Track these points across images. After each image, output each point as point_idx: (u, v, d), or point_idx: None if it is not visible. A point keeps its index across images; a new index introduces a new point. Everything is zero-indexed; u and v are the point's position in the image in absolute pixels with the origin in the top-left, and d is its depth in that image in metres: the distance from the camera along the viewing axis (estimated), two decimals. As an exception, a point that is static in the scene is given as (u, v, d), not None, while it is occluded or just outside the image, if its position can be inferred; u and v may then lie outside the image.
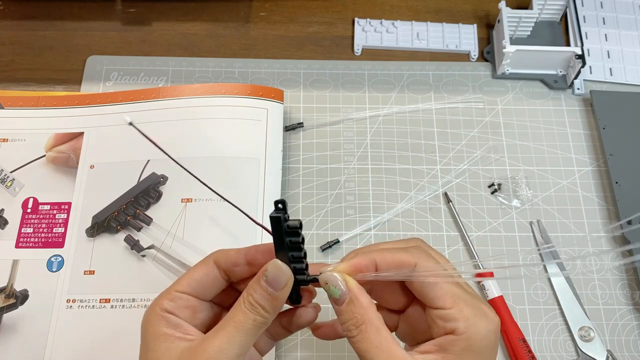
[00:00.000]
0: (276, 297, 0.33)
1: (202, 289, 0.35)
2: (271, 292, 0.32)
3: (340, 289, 0.33)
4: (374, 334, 0.32)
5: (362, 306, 0.33)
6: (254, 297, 0.33)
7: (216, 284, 0.35)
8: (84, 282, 0.49)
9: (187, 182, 0.53)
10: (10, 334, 0.48)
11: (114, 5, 0.65)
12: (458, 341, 0.31)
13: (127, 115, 0.54)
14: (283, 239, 0.32)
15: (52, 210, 0.52)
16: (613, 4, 0.65)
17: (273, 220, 0.32)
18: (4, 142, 0.55)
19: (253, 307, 0.32)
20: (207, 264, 0.35)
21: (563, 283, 0.51)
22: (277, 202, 0.32)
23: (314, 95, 0.60)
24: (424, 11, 0.66)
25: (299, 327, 0.37)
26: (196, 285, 0.35)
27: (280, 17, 0.65)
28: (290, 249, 0.33)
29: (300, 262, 0.33)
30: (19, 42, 0.63)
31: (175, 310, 0.34)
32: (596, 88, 0.60)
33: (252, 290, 0.33)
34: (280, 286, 0.33)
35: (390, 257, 0.33)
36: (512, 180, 0.56)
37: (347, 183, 0.56)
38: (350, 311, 0.33)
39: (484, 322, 0.32)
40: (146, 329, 0.34)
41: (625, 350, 0.49)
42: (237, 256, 0.35)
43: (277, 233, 0.32)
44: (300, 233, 0.32)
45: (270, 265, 0.33)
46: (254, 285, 0.33)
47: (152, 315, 0.34)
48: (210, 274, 0.35)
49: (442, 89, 0.61)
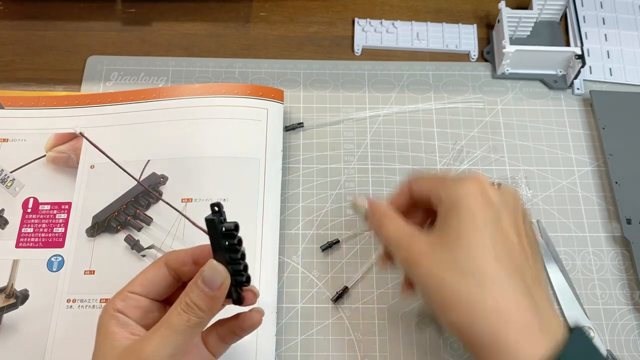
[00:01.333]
0: (212, 297, 0.34)
1: (154, 289, 0.37)
2: (207, 291, 0.34)
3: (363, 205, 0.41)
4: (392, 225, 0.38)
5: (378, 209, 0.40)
6: (190, 297, 0.34)
7: (167, 284, 0.37)
8: (84, 282, 0.49)
9: (187, 182, 0.53)
10: (10, 334, 0.48)
11: (114, 5, 0.65)
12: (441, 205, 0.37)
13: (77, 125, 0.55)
14: (219, 241, 0.33)
15: (52, 210, 0.52)
16: (613, 4, 0.65)
17: (208, 223, 0.33)
18: (4, 142, 0.55)
19: (188, 307, 0.34)
20: (157, 265, 0.37)
21: (563, 283, 0.51)
22: (212, 205, 0.33)
23: (314, 95, 0.60)
24: (424, 11, 0.66)
25: (247, 331, 0.39)
26: (147, 285, 0.36)
27: (280, 17, 0.65)
28: (228, 251, 0.34)
29: (237, 263, 0.34)
30: (19, 42, 0.63)
31: (126, 309, 0.35)
32: (596, 88, 0.60)
33: (189, 291, 0.34)
34: (216, 286, 0.34)
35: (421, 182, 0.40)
36: (512, 180, 0.56)
37: (347, 183, 0.56)
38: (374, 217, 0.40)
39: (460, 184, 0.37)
40: (99, 328, 0.35)
41: (625, 350, 0.49)
42: (185, 256, 0.37)
43: (213, 235, 0.33)
44: (237, 235, 0.33)
45: (206, 266, 0.34)
46: (191, 286, 0.34)
47: (104, 314, 0.35)
48: (160, 274, 0.37)
49: (442, 89, 0.61)
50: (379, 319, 0.50)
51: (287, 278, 0.51)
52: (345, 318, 0.50)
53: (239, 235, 0.34)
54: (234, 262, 0.34)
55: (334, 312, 0.50)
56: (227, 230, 0.33)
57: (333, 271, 0.52)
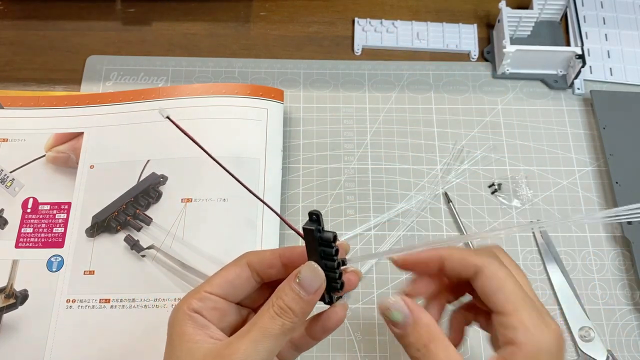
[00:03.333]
0: (307, 301, 0.32)
1: (234, 291, 0.34)
2: (303, 295, 0.32)
3: (403, 312, 0.32)
4: (442, 352, 0.31)
5: (426, 324, 0.32)
6: (284, 300, 0.32)
7: (248, 286, 0.35)
8: (84, 282, 0.49)
9: (187, 182, 0.52)
10: (10, 334, 0.48)
11: (114, 5, 0.65)
12: (518, 352, 0.30)
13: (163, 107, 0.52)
14: (316, 250, 0.32)
15: (52, 210, 0.52)
16: (613, 4, 0.65)
17: (306, 232, 0.32)
18: (4, 142, 0.55)
19: (282, 311, 0.31)
20: (240, 265, 0.34)
21: (563, 283, 0.51)
22: (311, 213, 0.31)
23: (314, 95, 0.60)
24: (424, 11, 0.66)
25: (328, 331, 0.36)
26: (227, 287, 0.34)
27: (280, 17, 0.65)
28: (323, 259, 0.32)
29: (333, 271, 0.33)
30: (19, 42, 0.63)
31: (203, 310, 0.33)
32: (596, 88, 0.60)
33: (282, 293, 0.32)
34: (313, 289, 0.32)
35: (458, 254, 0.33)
36: (512, 180, 0.56)
37: (347, 183, 0.56)
38: (417, 332, 0.32)
39: (545, 334, 0.31)
40: (172, 327, 0.33)
41: (626, 350, 0.49)
42: (272, 257, 0.34)
43: (310, 244, 0.32)
44: (334, 245, 0.32)
45: (304, 268, 0.32)
46: (284, 288, 0.32)
47: (179, 313, 0.33)
48: (243, 276, 0.34)
49: (442, 89, 0.61)
50: (379, 319, 0.50)
51: (287, 278, 0.51)
52: (345, 318, 0.50)
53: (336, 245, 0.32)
54: (329, 270, 0.33)
55: (334, 312, 0.50)
56: (324, 240, 0.32)
57: (333, 271, 0.52)
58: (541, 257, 0.53)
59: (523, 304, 0.31)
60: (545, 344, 0.30)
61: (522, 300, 0.31)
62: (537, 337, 0.30)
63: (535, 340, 0.30)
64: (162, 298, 0.48)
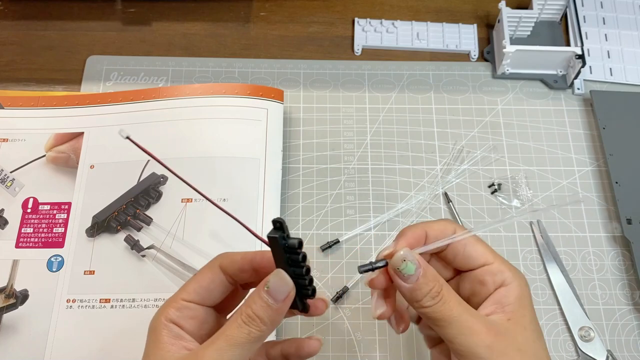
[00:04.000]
0: (276, 310, 0.32)
1: (209, 295, 0.34)
2: (271, 303, 0.32)
3: (415, 262, 0.33)
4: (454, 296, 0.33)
5: (435, 275, 0.33)
6: (252, 309, 0.32)
7: (223, 289, 0.35)
8: (84, 282, 0.49)
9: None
10: (10, 334, 0.48)
11: (114, 5, 0.65)
12: (511, 290, 0.34)
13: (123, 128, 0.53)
14: (282, 257, 0.32)
15: (52, 210, 0.52)
16: (613, 4, 0.65)
17: (271, 240, 0.31)
18: (4, 142, 0.55)
19: (250, 319, 0.32)
20: (213, 270, 0.35)
21: (563, 283, 0.51)
22: (274, 221, 0.31)
23: (314, 95, 0.60)
24: (424, 11, 0.66)
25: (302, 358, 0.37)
26: (203, 292, 0.34)
27: (280, 17, 0.65)
28: (291, 266, 0.32)
29: (302, 278, 0.33)
30: (19, 42, 0.63)
31: (181, 320, 0.33)
32: (596, 88, 0.60)
33: (251, 302, 0.32)
34: (281, 297, 0.32)
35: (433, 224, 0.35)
36: (512, 180, 0.56)
37: (347, 183, 0.56)
38: (427, 282, 0.33)
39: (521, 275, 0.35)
40: (149, 336, 0.33)
41: (625, 350, 0.49)
42: (243, 262, 0.34)
43: (277, 251, 0.32)
44: (300, 252, 0.32)
45: (272, 276, 0.32)
46: (253, 297, 0.32)
47: (157, 322, 0.33)
48: (217, 280, 0.34)
49: (442, 89, 0.61)
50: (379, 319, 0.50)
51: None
52: (345, 318, 0.50)
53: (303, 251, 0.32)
54: (298, 277, 0.33)
55: (334, 312, 0.50)
56: (289, 247, 0.31)
57: (333, 271, 0.52)
58: (541, 257, 0.53)
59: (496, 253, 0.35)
60: (524, 281, 0.35)
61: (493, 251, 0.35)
62: (518, 274, 0.34)
63: (519, 279, 0.34)
64: (162, 298, 0.48)
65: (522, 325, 0.33)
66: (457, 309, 0.32)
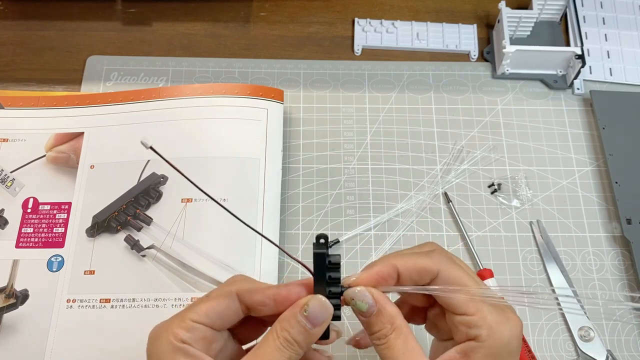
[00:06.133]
0: (312, 334, 0.32)
1: (220, 321, 0.33)
2: (309, 328, 0.31)
3: (367, 302, 0.32)
4: (402, 342, 0.32)
5: (390, 315, 0.32)
6: (290, 333, 0.31)
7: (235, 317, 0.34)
8: (84, 282, 0.49)
9: (187, 182, 0.52)
10: (10, 334, 0.48)
11: (114, 5, 0.65)
12: (480, 348, 0.31)
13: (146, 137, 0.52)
14: (324, 274, 0.32)
15: (52, 210, 0.52)
16: (613, 4, 0.65)
17: (316, 257, 0.31)
18: (4, 142, 0.55)
19: (289, 344, 0.31)
20: (229, 297, 0.33)
21: (563, 283, 0.51)
22: (319, 236, 0.31)
23: (314, 95, 0.60)
24: (424, 11, 0.66)
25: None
26: (215, 317, 0.33)
27: (280, 17, 0.65)
28: (329, 285, 0.32)
29: (337, 298, 0.32)
30: (19, 42, 0.63)
31: (191, 341, 0.32)
32: (596, 88, 0.60)
33: (287, 325, 0.31)
34: (320, 322, 0.32)
35: (411, 262, 0.33)
36: (512, 180, 0.56)
37: (347, 183, 0.56)
38: (380, 322, 0.32)
39: (507, 328, 0.32)
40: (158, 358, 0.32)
41: (625, 350, 0.49)
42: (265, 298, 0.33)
43: (319, 269, 0.32)
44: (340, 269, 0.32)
45: (312, 301, 0.32)
46: (290, 320, 0.32)
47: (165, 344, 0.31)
48: (232, 307, 0.33)
49: (442, 89, 0.61)
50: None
51: (287, 278, 0.51)
52: (345, 318, 0.50)
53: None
54: (333, 297, 0.32)
55: (334, 312, 0.50)
56: (332, 264, 0.32)
57: (333, 271, 0.52)
58: (541, 257, 0.53)
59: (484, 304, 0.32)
60: (507, 339, 0.31)
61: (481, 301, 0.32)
62: (499, 333, 0.31)
63: (498, 336, 0.31)
64: (162, 298, 0.48)
65: None
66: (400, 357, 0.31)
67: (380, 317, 0.32)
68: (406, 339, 0.32)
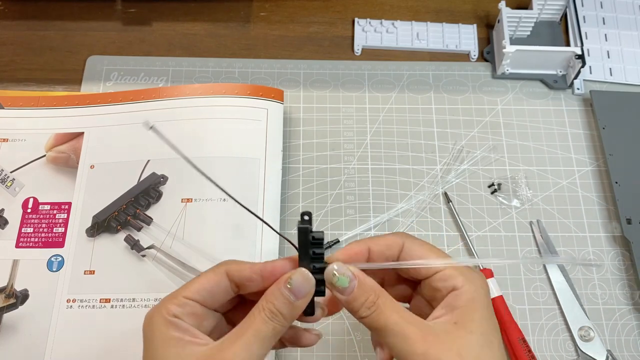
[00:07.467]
0: (297, 306, 0.33)
1: (211, 298, 0.35)
2: (293, 300, 0.33)
3: (347, 275, 0.33)
4: (390, 303, 0.33)
5: (371, 284, 0.33)
6: (274, 305, 0.33)
7: (225, 295, 0.35)
8: (84, 282, 0.49)
9: (187, 182, 0.53)
10: (10, 334, 0.48)
11: (114, 5, 0.65)
12: (462, 294, 0.33)
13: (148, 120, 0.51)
14: (308, 250, 0.33)
15: (52, 210, 0.52)
16: (613, 4, 0.65)
17: (301, 232, 0.33)
18: (4, 142, 0.55)
19: (273, 315, 0.32)
20: (219, 274, 0.35)
21: (563, 283, 0.51)
22: (303, 213, 0.33)
23: (314, 95, 0.60)
24: (424, 11, 0.66)
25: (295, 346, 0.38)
26: (206, 294, 0.34)
27: (280, 17, 0.65)
28: (313, 260, 0.34)
29: (320, 273, 0.34)
30: (19, 42, 0.63)
31: (183, 316, 0.33)
32: (596, 88, 0.60)
33: (272, 298, 0.33)
34: (303, 295, 0.33)
35: (380, 240, 0.36)
36: (512, 180, 0.56)
37: (347, 183, 0.56)
38: (363, 293, 0.33)
39: (476, 275, 0.34)
40: (152, 333, 0.33)
41: (625, 350, 0.49)
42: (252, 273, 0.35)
43: (303, 244, 0.33)
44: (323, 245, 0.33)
45: (296, 274, 0.33)
46: (275, 293, 0.33)
47: (158, 319, 0.33)
48: (222, 285, 0.35)
49: (442, 89, 0.61)
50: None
51: (287, 278, 0.51)
52: (345, 318, 0.50)
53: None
54: (317, 272, 0.34)
55: (334, 312, 0.50)
56: (316, 239, 0.33)
57: (333, 271, 0.52)
58: (541, 257, 0.53)
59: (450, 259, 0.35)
60: (479, 282, 0.34)
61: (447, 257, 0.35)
62: (472, 279, 0.33)
63: (473, 282, 0.33)
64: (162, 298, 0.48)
65: (468, 329, 0.32)
66: (392, 317, 0.32)
67: (362, 288, 0.33)
68: (392, 301, 0.33)
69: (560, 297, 0.51)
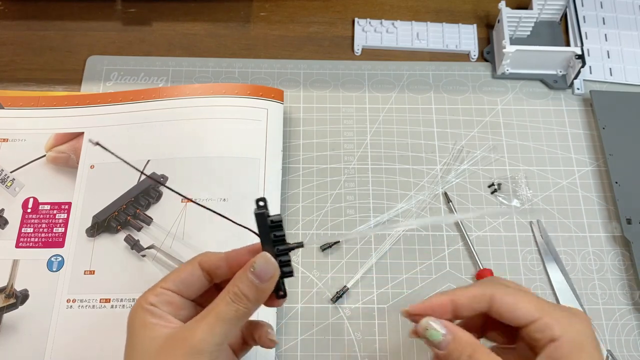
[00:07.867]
0: (262, 289, 0.34)
1: (186, 288, 0.36)
2: (257, 283, 0.34)
3: (441, 330, 0.33)
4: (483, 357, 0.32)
5: (467, 339, 0.33)
6: (239, 288, 0.34)
7: (199, 284, 0.37)
8: (84, 282, 0.49)
9: (187, 182, 0.53)
10: (10, 334, 0.48)
11: (114, 5, 0.65)
12: (562, 345, 0.32)
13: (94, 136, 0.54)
14: (268, 234, 0.35)
15: (52, 210, 0.52)
16: (613, 4, 0.65)
17: (258, 217, 0.34)
18: (4, 142, 0.55)
19: (237, 297, 0.34)
20: (192, 265, 0.37)
21: (563, 283, 0.51)
22: (258, 199, 0.35)
23: (314, 95, 0.60)
24: (424, 11, 0.66)
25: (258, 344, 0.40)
26: (180, 284, 0.36)
27: (280, 17, 0.65)
28: (276, 243, 0.35)
29: (285, 254, 0.35)
30: (19, 42, 0.63)
31: (159, 304, 0.35)
32: (596, 88, 0.60)
33: (237, 281, 0.34)
34: (267, 278, 0.34)
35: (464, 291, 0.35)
36: (512, 180, 0.56)
37: (347, 183, 0.56)
38: (459, 347, 0.33)
39: (577, 320, 0.33)
40: (132, 321, 0.35)
41: (625, 350, 0.49)
42: (219, 259, 0.37)
43: (262, 229, 0.35)
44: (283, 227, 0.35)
45: (258, 258, 0.34)
46: (240, 277, 0.34)
47: (138, 308, 0.35)
48: (195, 274, 0.37)
49: (442, 89, 0.61)
50: (379, 319, 0.50)
51: (287, 278, 0.51)
52: (345, 318, 0.50)
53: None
54: (282, 254, 0.35)
55: (334, 312, 0.50)
56: (274, 222, 0.34)
57: (333, 271, 0.52)
58: (541, 257, 0.53)
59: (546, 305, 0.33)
60: (581, 329, 0.33)
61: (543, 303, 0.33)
62: (572, 326, 0.32)
63: (572, 329, 0.32)
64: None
65: None
66: None
67: (457, 342, 0.33)
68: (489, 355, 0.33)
69: (560, 297, 0.51)
